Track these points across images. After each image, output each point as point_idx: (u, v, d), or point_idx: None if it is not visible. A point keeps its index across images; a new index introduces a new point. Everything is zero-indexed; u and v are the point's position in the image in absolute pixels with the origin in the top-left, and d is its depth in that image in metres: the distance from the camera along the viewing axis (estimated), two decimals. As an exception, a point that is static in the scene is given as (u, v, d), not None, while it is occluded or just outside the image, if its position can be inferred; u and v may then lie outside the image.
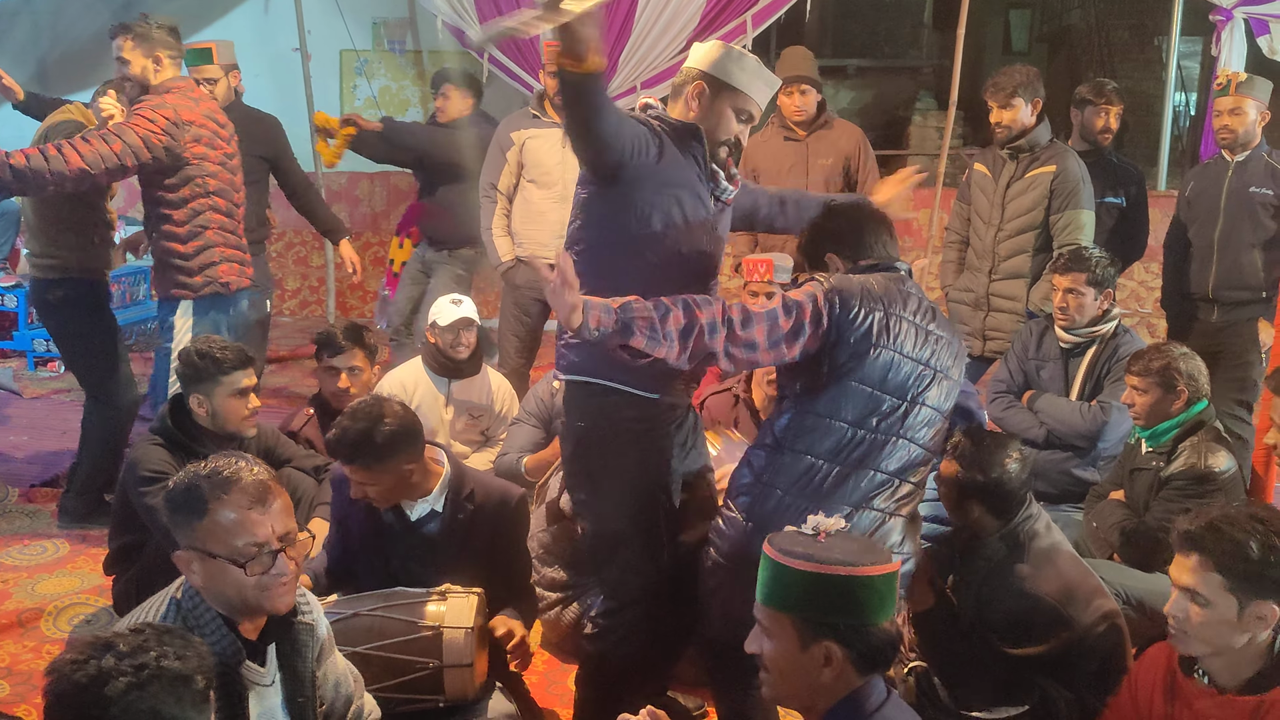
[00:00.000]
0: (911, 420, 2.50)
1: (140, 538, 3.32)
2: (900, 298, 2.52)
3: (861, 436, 2.47)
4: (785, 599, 1.91)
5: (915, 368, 2.49)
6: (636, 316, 2.27)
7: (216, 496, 1.97)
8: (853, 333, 2.43)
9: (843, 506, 2.45)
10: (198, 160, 3.85)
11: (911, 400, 2.50)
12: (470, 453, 4.29)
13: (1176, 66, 8.19)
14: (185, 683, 1.59)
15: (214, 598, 2.00)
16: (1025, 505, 2.90)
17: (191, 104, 3.87)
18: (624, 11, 6.81)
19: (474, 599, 2.80)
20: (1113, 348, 4.03)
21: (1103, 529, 3.59)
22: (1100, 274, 3.96)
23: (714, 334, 2.34)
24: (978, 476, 2.83)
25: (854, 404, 2.46)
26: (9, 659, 3.41)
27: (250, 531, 1.97)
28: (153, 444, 3.32)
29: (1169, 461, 3.45)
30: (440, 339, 4.19)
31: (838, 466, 2.46)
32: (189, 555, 1.99)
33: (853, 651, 1.87)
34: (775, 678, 1.94)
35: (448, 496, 2.94)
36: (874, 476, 2.48)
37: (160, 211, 3.89)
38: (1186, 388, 3.45)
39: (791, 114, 5.02)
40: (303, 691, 2.14)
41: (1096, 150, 4.74)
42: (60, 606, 3.73)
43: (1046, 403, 4.08)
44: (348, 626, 2.70)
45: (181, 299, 3.92)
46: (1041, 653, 2.74)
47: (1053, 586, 2.76)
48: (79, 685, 1.54)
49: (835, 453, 2.47)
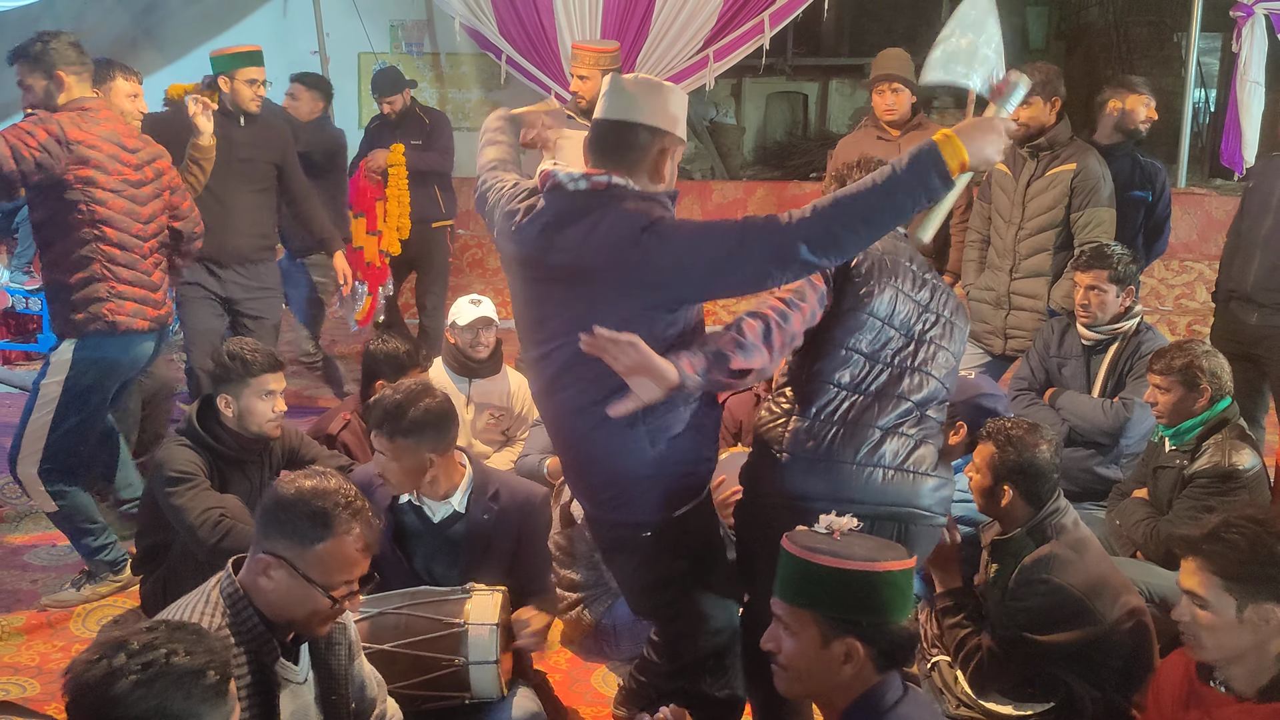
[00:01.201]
0: (924, 355, 2.57)
1: (167, 538, 3.35)
2: (896, 249, 2.60)
3: (878, 370, 2.53)
4: (808, 595, 1.92)
5: (916, 308, 2.57)
6: (720, 344, 2.28)
7: (341, 530, 2.02)
8: (855, 272, 2.52)
9: (873, 431, 2.49)
10: (81, 185, 3.53)
11: (919, 339, 2.57)
12: (491, 452, 4.31)
13: (1196, 63, 8.13)
14: (195, 678, 1.61)
15: (268, 603, 2.02)
16: (1054, 497, 2.92)
17: (87, 124, 3.56)
18: (641, 11, 6.83)
19: (498, 596, 2.82)
20: (1135, 344, 4.01)
21: (1126, 527, 3.58)
22: (1122, 271, 3.95)
23: (787, 320, 2.35)
24: (1012, 455, 2.87)
25: (866, 336, 2.52)
26: (39, 658, 3.45)
27: (354, 570, 2.04)
28: (179, 444, 3.34)
29: (1193, 459, 3.43)
30: (459, 339, 4.22)
31: (859, 395, 2.52)
32: (277, 564, 2.01)
33: (873, 648, 1.88)
34: (794, 674, 1.95)
35: (471, 497, 2.95)
36: (898, 404, 2.52)
37: (44, 237, 3.64)
38: (1209, 385, 3.43)
39: (883, 112, 5.03)
40: (336, 689, 2.17)
41: (1127, 143, 4.68)
42: (89, 607, 3.76)
43: (1068, 400, 4.07)
44: (374, 624, 2.73)
45: (66, 337, 3.65)
46: (1066, 642, 2.74)
47: (1080, 580, 2.76)
48: (89, 684, 1.58)
49: (855, 384, 2.53)
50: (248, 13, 9.34)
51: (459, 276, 8.83)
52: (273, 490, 2.09)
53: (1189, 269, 7.95)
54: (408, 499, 2.95)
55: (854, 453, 2.48)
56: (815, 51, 12.88)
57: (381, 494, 2.98)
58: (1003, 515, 2.97)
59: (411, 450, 2.83)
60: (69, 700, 1.61)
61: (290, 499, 2.04)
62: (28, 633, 3.59)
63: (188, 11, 9.36)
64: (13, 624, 3.63)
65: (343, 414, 4.05)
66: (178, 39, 9.28)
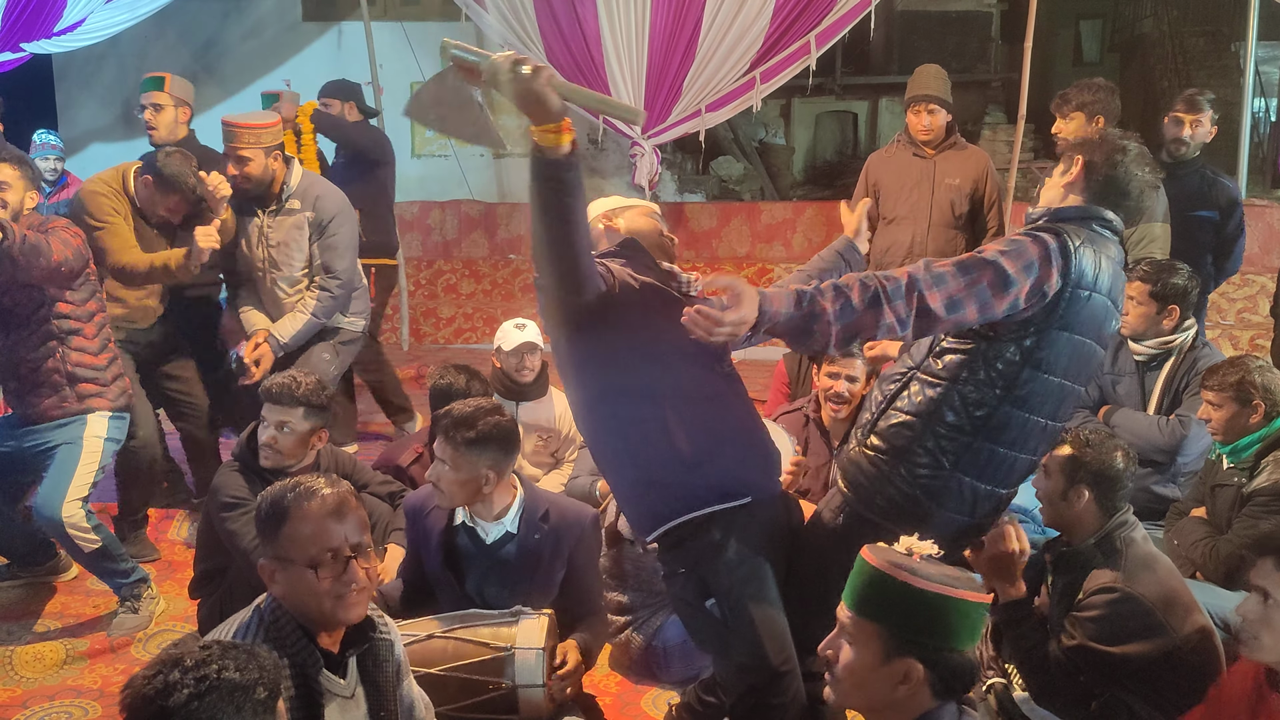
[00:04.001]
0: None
1: (224, 562, 3.42)
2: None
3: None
4: (878, 609, 1.90)
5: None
6: (817, 296, 2.20)
7: (298, 505, 2.10)
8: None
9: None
10: (95, 279, 3.84)
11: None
12: (541, 474, 4.34)
13: (1255, 72, 7.99)
14: (245, 692, 1.66)
15: (294, 607, 2.09)
16: (1124, 510, 2.87)
17: (73, 225, 3.80)
18: (688, 35, 6.86)
19: (545, 620, 2.83)
20: (1191, 360, 3.94)
21: (1184, 546, 3.51)
22: (1164, 288, 3.86)
23: (908, 292, 2.23)
24: (1090, 456, 2.84)
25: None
26: (101, 681, 3.52)
27: (325, 538, 2.08)
28: (232, 469, 3.42)
29: (1251, 477, 3.36)
30: (505, 363, 4.26)
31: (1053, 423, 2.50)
32: (271, 565, 2.11)
33: (933, 673, 1.86)
34: (848, 685, 1.93)
35: (522, 518, 2.98)
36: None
37: (70, 325, 3.76)
38: (1263, 401, 3.36)
39: (918, 132, 5.01)
40: (385, 705, 2.20)
41: (1196, 160, 4.61)
42: (149, 632, 3.84)
43: (1123, 418, 4.00)
44: (424, 648, 2.76)
45: (96, 409, 3.80)
46: (1137, 655, 2.67)
47: (1152, 592, 2.70)
48: (146, 698, 1.64)
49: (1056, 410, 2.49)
50: (303, 45, 9.57)
51: (511, 302, 8.94)
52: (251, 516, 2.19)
53: (1251, 282, 7.79)
54: (461, 520, 2.99)
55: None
56: (864, 70, 12.87)
57: (434, 518, 3.02)
58: (1073, 523, 2.90)
59: (472, 462, 2.87)
60: (126, 714, 1.67)
61: (258, 510, 2.18)
62: (91, 657, 3.67)
63: (245, 46, 9.62)
64: (77, 648, 3.71)
65: (414, 446, 4.09)
66: (236, 73, 9.53)
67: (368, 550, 2.14)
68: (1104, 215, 2.50)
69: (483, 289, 9.26)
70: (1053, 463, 2.90)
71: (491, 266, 9.31)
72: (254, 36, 9.58)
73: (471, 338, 8.76)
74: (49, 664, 3.62)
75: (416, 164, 9.54)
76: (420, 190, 9.45)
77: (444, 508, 3.00)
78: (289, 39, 9.57)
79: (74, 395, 3.77)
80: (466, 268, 9.31)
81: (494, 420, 2.90)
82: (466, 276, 9.29)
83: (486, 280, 9.27)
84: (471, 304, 9.01)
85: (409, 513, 3.14)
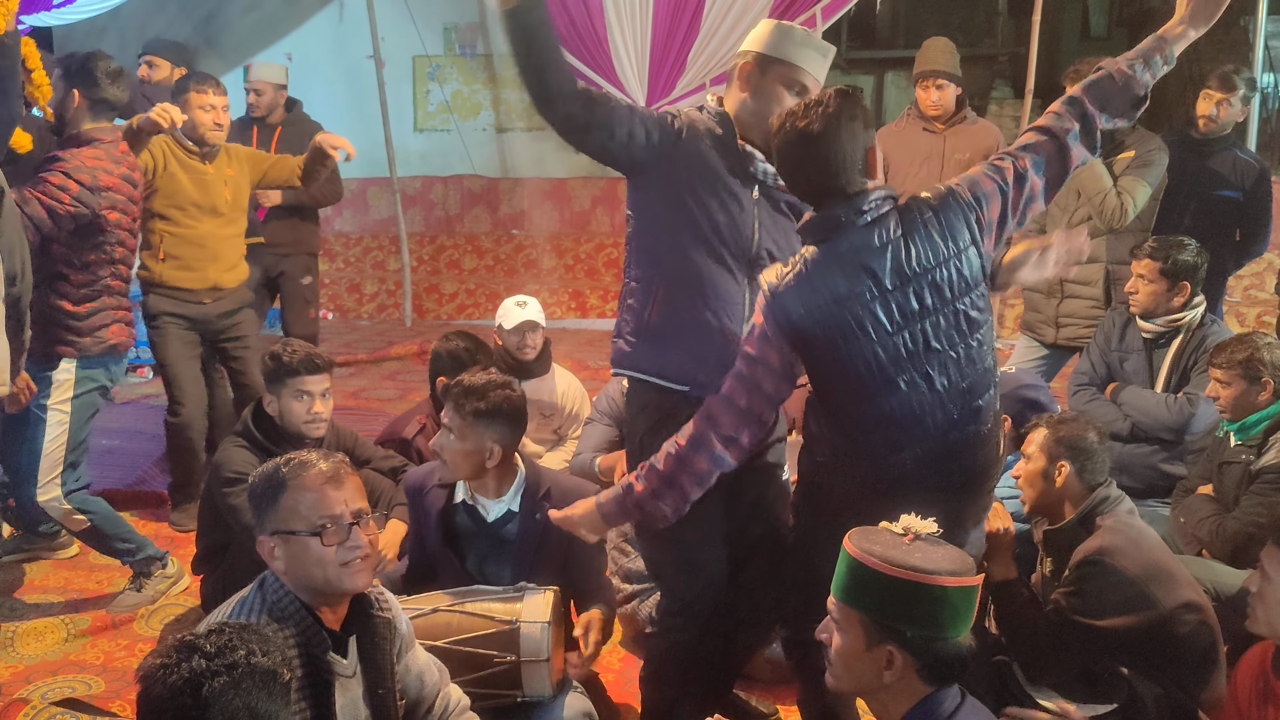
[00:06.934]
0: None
1: (226, 538, 3.41)
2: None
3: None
4: (856, 596, 1.89)
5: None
6: (634, 482, 2.46)
7: (294, 476, 2.09)
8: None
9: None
10: (111, 228, 3.66)
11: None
12: (544, 452, 4.32)
13: (1264, 47, 7.91)
14: (274, 678, 1.63)
15: (297, 582, 2.07)
16: (1105, 483, 2.88)
17: (111, 165, 3.64)
18: (691, 9, 6.81)
19: (550, 595, 2.82)
20: (1199, 338, 3.92)
21: (1191, 524, 3.49)
22: (1173, 266, 3.85)
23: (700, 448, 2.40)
24: (1064, 431, 2.88)
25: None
26: (104, 657, 3.53)
27: (326, 505, 2.07)
28: (236, 445, 3.41)
29: (1259, 455, 3.35)
30: (506, 341, 4.24)
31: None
32: (271, 541, 2.09)
33: (918, 661, 1.84)
34: (840, 670, 1.94)
35: (524, 496, 2.96)
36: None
37: (57, 269, 3.64)
38: (1272, 379, 3.34)
39: (927, 108, 4.97)
40: (383, 683, 2.18)
41: (1227, 138, 4.56)
42: (151, 608, 3.84)
43: (1131, 395, 3.98)
44: (427, 623, 2.74)
45: (65, 356, 3.67)
46: (1123, 628, 2.67)
47: (1135, 565, 2.69)
48: (175, 689, 1.57)
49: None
50: (305, 19, 9.49)
51: (514, 277, 8.91)
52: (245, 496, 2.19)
53: (1257, 259, 7.73)
54: (462, 498, 2.97)
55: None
56: (870, 44, 12.77)
57: (434, 496, 3.00)
58: (1055, 500, 2.90)
59: (479, 434, 2.84)
60: (146, 707, 1.60)
61: (251, 488, 2.16)
62: (94, 633, 3.67)
63: (247, 19, 9.55)
64: (79, 625, 3.71)
65: (418, 418, 4.07)
66: (237, 46, 9.47)
67: (368, 519, 2.13)
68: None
69: (485, 264, 9.23)
70: (1032, 446, 2.93)
71: (494, 242, 9.28)
72: (255, 9, 9.50)
73: (474, 313, 8.74)
74: (50, 640, 3.62)
75: (419, 139, 9.48)
76: (422, 165, 9.39)
77: (446, 480, 2.98)
78: (290, 12, 9.49)
79: (46, 339, 3.64)
80: (469, 243, 9.29)
81: (505, 394, 2.88)
82: (469, 252, 9.27)
83: (489, 256, 9.24)
84: (474, 279, 8.99)
85: (409, 491, 3.12)
